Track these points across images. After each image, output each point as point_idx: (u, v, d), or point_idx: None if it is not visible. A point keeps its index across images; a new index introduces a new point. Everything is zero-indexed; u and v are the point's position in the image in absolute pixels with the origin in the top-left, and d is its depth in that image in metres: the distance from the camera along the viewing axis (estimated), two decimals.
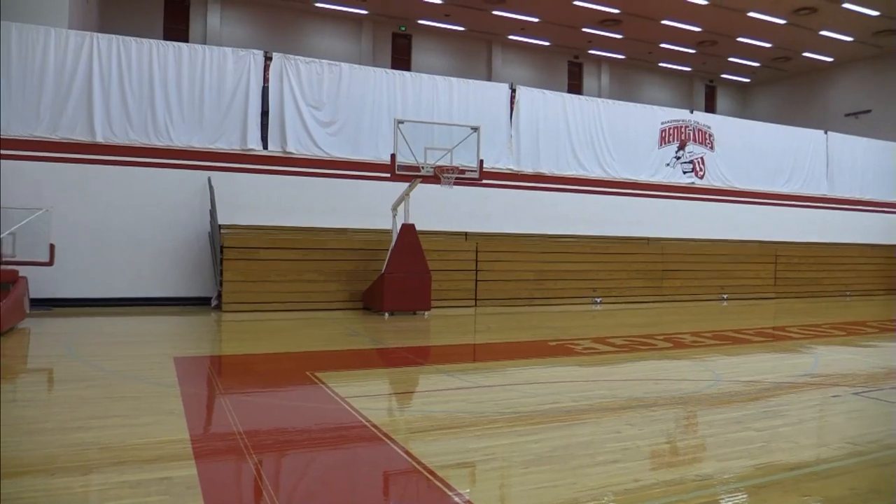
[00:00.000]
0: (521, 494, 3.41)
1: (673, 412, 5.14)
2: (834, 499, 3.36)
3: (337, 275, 11.79)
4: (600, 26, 23.68)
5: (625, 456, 3.94)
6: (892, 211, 20.90)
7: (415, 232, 11.02)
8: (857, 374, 6.92)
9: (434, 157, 10.81)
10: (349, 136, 13.34)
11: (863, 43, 24.37)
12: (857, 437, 4.49)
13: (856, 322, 12.04)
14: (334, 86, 13.29)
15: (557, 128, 15.35)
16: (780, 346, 9.02)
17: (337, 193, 12.85)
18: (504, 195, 14.38)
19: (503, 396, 5.55)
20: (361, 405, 5.03)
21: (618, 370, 7.03)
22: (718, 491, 3.43)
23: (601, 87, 27.52)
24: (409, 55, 24.37)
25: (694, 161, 17.17)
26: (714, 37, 24.48)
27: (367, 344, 8.57)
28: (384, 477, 3.74)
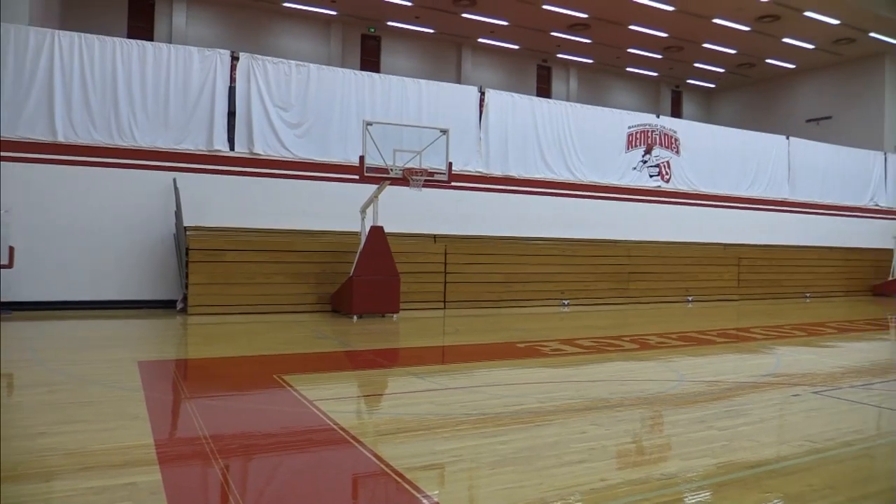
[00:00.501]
0: (488, 495, 3.42)
1: (638, 412, 5.21)
2: (792, 495, 3.44)
3: (305, 277, 11.72)
4: (569, 31, 23.91)
5: (591, 456, 3.99)
6: (850, 215, 21.44)
7: (383, 234, 11.01)
8: (816, 374, 7.09)
9: (403, 159, 10.80)
10: (317, 138, 13.27)
11: (824, 51, 24.99)
12: (816, 435, 4.60)
13: (815, 323, 12.33)
14: (302, 87, 13.21)
15: (526, 131, 15.46)
16: (743, 347, 9.20)
17: (305, 195, 12.77)
18: (473, 198, 14.44)
19: (471, 398, 5.57)
20: (329, 408, 5.01)
21: (585, 371, 7.10)
22: (682, 489, 3.49)
23: (570, 91, 27.77)
24: (378, 57, 24.32)
25: (660, 165, 17.43)
26: (680, 42, 24.89)
27: (335, 347, 8.53)
28: (352, 480, 3.73)
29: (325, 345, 8.63)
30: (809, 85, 27.82)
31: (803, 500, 3.36)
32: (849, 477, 3.77)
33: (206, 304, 10.93)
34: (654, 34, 23.84)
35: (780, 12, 21.38)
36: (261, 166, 12.70)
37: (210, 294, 10.99)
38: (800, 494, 3.45)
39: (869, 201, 22.14)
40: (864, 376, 7.04)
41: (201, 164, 12.21)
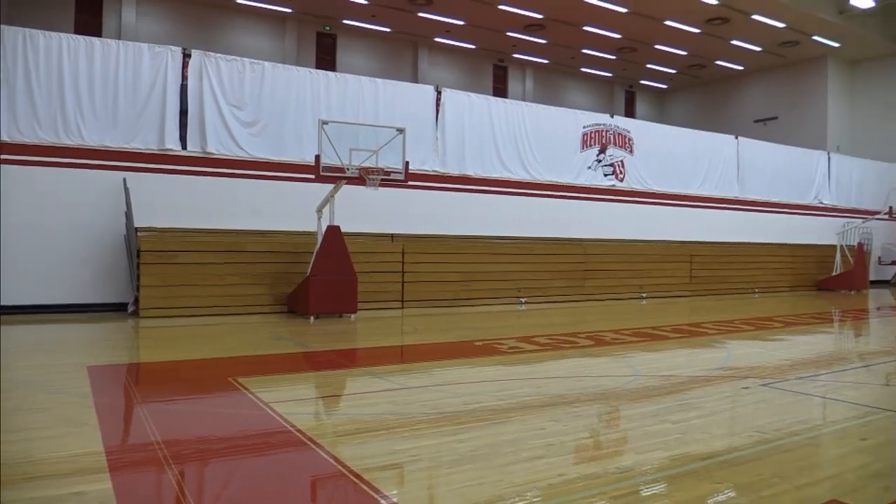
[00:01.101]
0: (447, 494, 3.44)
1: (594, 408, 5.29)
2: (742, 485, 3.53)
3: (260, 278, 11.57)
4: (524, 31, 24.10)
5: (548, 452, 4.03)
6: (796, 212, 22.11)
7: (340, 234, 10.93)
8: (765, 367, 7.29)
9: (359, 158, 10.74)
10: (272, 137, 13.09)
11: (770, 53, 25.70)
12: (765, 426, 4.73)
13: (764, 317, 12.68)
14: (256, 85, 13.02)
15: (482, 130, 15.52)
16: (696, 342, 9.41)
17: (260, 195, 12.60)
18: (430, 197, 14.43)
19: (429, 397, 5.58)
20: (286, 410, 4.96)
21: (542, 368, 7.17)
22: (637, 482, 3.56)
23: (525, 91, 27.99)
24: (333, 55, 24.13)
25: (614, 164, 17.69)
26: (633, 44, 25.31)
27: (291, 348, 8.44)
28: (310, 483, 3.70)
29: (282, 346, 8.53)
30: (757, 86, 28.59)
31: (752, 490, 3.46)
32: (794, 466, 3.89)
33: (159, 306, 10.70)
34: (608, 35, 24.19)
35: (728, 15, 21.91)
36: (214, 165, 12.47)
37: (162, 296, 10.76)
38: (749, 484, 3.55)
39: (813, 199, 22.86)
40: (809, 368, 7.27)
41: (152, 164, 11.93)
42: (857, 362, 8.11)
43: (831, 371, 7.18)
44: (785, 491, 3.44)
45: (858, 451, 4.21)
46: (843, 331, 11.75)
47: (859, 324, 12.77)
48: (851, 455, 4.14)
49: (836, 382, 6.55)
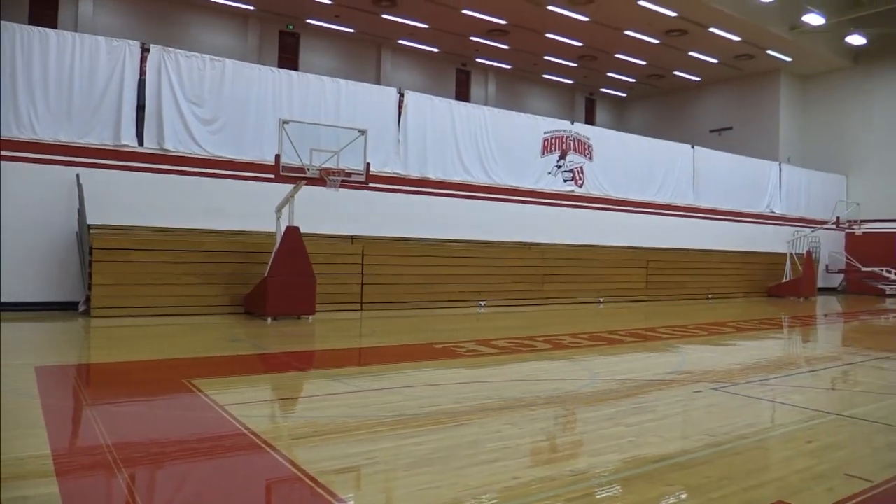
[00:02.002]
0: (403, 497, 3.43)
1: (551, 411, 5.35)
2: (693, 486, 3.61)
3: (217, 278, 11.40)
4: (487, 36, 24.24)
5: (505, 455, 4.06)
6: (748, 220, 22.68)
7: (299, 234, 10.84)
8: (716, 371, 7.46)
9: (320, 158, 10.67)
10: (232, 135, 12.92)
11: (726, 65, 26.32)
12: (715, 429, 4.85)
13: (717, 322, 12.97)
14: (217, 82, 12.84)
15: (444, 134, 15.57)
16: (651, 346, 9.57)
17: (218, 194, 12.42)
18: (391, 199, 14.41)
19: (387, 400, 5.57)
20: (241, 413, 4.89)
21: (500, 371, 7.22)
22: (591, 485, 3.61)
23: (488, 96, 28.15)
24: (296, 54, 23.91)
25: (574, 170, 17.91)
26: (594, 52, 25.66)
27: (248, 350, 8.34)
28: (265, 486, 3.66)
29: (238, 347, 8.42)
30: (713, 97, 29.25)
31: (702, 492, 3.54)
32: (743, 468, 3.99)
33: (111, 305, 10.46)
34: (570, 43, 24.48)
35: (686, 27, 22.38)
36: (172, 163, 12.25)
37: (115, 295, 10.52)
38: (699, 486, 3.63)
39: (765, 208, 23.49)
40: (759, 372, 7.46)
41: (107, 160, 11.66)
42: (804, 367, 8.36)
43: (780, 375, 7.39)
44: (733, 493, 3.53)
45: (804, 453, 4.33)
46: (791, 337, 12.09)
47: (807, 330, 13.15)
48: (797, 457, 4.26)
49: (784, 387, 6.74)
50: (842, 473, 3.89)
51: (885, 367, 8.00)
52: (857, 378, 7.47)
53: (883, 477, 3.85)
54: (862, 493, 3.58)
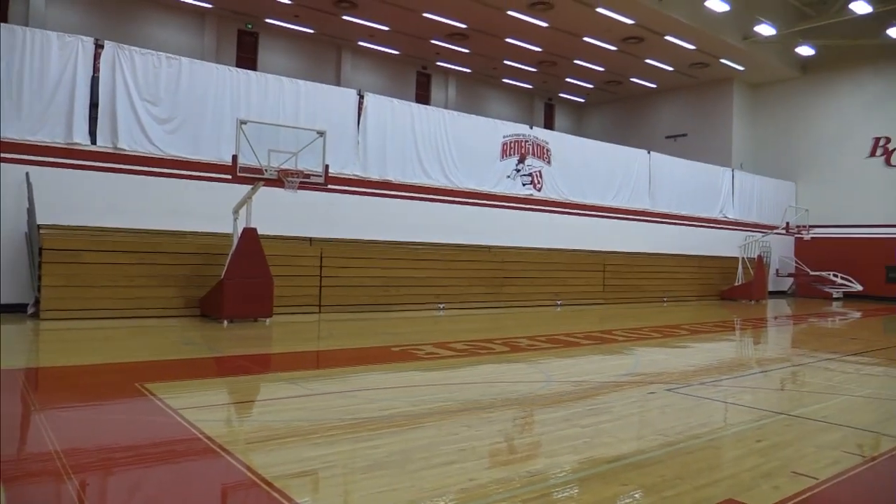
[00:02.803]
0: (359, 500, 3.42)
1: (508, 413, 5.38)
2: (647, 486, 3.68)
3: (172, 280, 11.18)
4: (448, 39, 24.31)
5: (461, 457, 4.08)
6: (702, 225, 23.19)
7: (257, 236, 10.71)
8: (670, 372, 7.61)
9: (278, 159, 10.56)
10: (188, 135, 12.70)
11: (681, 73, 26.88)
12: (668, 429, 4.94)
13: (671, 325, 13.23)
14: (173, 80, 12.61)
15: (404, 136, 15.56)
16: (606, 349, 9.71)
17: (174, 194, 12.19)
18: (350, 201, 14.34)
19: (344, 403, 5.54)
20: (195, 417, 4.81)
21: (457, 374, 7.24)
22: (546, 485, 3.64)
23: (448, 99, 28.22)
24: (255, 54, 23.62)
25: (532, 174, 18.07)
26: (553, 57, 25.95)
27: (203, 353, 8.20)
28: (220, 491, 3.60)
29: (193, 351, 8.27)
30: (668, 104, 29.83)
31: (656, 490, 3.61)
32: (695, 467, 4.08)
33: (62, 308, 10.17)
34: (529, 48, 24.71)
35: (643, 35, 22.79)
36: (126, 162, 11.98)
37: (66, 297, 10.23)
38: (653, 485, 3.70)
39: (719, 213, 24.04)
40: (712, 374, 7.63)
41: (58, 158, 11.35)
42: (755, 368, 8.57)
43: (731, 377, 7.56)
44: (686, 491, 3.60)
45: (753, 452, 4.45)
46: (743, 339, 12.39)
47: (758, 332, 13.49)
48: (747, 456, 4.37)
49: (735, 387, 6.91)
50: (789, 471, 4.01)
51: (831, 368, 8.26)
52: (805, 379, 7.70)
53: (827, 474, 3.98)
54: (807, 490, 3.70)
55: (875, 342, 11.71)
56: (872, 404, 6.13)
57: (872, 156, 25.24)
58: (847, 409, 5.87)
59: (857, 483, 3.92)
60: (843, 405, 6.06)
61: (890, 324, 16.10)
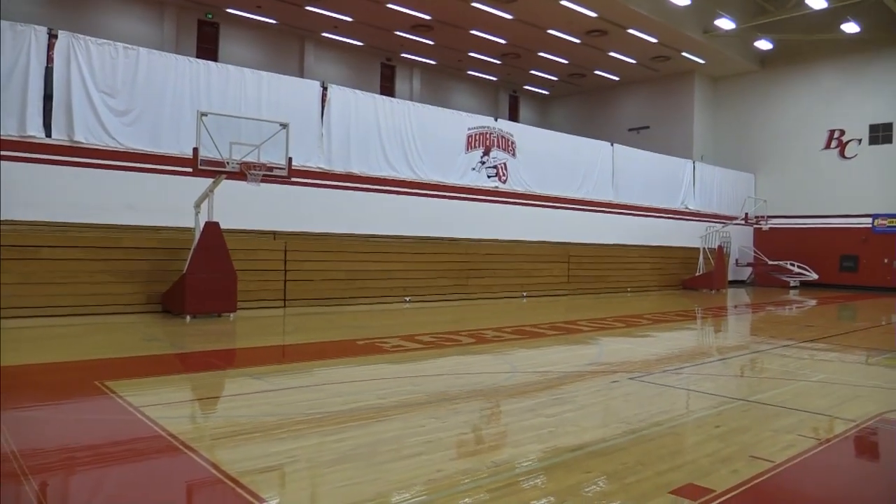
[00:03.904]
0: (325, 494, 3.42)
1: (474, 404, 5.42)
2: (610, 473, 3.74)
3: (133, 276, 10.98)
4: (412, 31, 24.22)
5: (428, 449, 4.10)
6: (664, 216, 23.55)
7: (219, 230, 10.57)
8: (633, 361, 7.73)
9: (241, 152, 10.43)
10: (147, 127, 12.46)
11: (644, 66, 27.21)
12: (631, 417, 5.03)
13: (634, 315, 13.43)
14: (130, 71, 12.34)
15: (369, 128, 15.48)
16: (571, 339, 9.83)
17: (133, 188, 11.96)
18: (314, 194, 14.23)
19: (310, 397, 5.52)
20: (158, 414, 4.75)
21: (424, 366, 7.26)
22: (511, 475, 3.68)
23: (413, 91, 28.13)
24: (216, 45, 23.24)
25: (497, 166, 18.14)
26: (518, 50, 26.03)
27: (166, 349, 8.08)
28: (184, 489, 3.57)
29: (155, 347, 8.15)
30: (631, 97, 30.18)
31: (618, 477, 3.67)
32: (656, 453, 4.16)
33: (18, 305, 9.91)
34: (494, 40, 24.75)
35: (606, 28, 23.00)
36: (82, 155, 11.71)
37: (23, 294, 9.98)
38: (616, 472, 3.76)
39: (680, 204, 24.44)
40: (673, 362, 7.78)
41: (11, 151, 11.04)
42: (715, 356, 8.76)
43: (692, 364, 7.72)
44: (647, 477, 3.68)
45: (713, 437, 4.55)
46: (704, 327, 12.64)
47: (719, 321, 13.78)
48: (707, 442, 4.48)
49: (696, 375, 7.05)
50: (747, 455, 4.11)
51: (787, 355, 8.48)
52: (763, 365, 7.89)
53: (783, 457, 4.09)
54: (764, 473, 3.80)
55: (829, 329, 12.05)
56: (826, 389, 6.32)
57: (827, 148, 25.90)
58: (802, 394, 6.04)
59: (812, 465, 4.04)
60: (799, 390, 6.24)
61: (844, 311, 16.57)
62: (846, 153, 25.43)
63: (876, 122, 24.70)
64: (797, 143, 26.62)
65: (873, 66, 24.76)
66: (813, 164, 26.21)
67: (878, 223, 24.62)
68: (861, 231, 24.95)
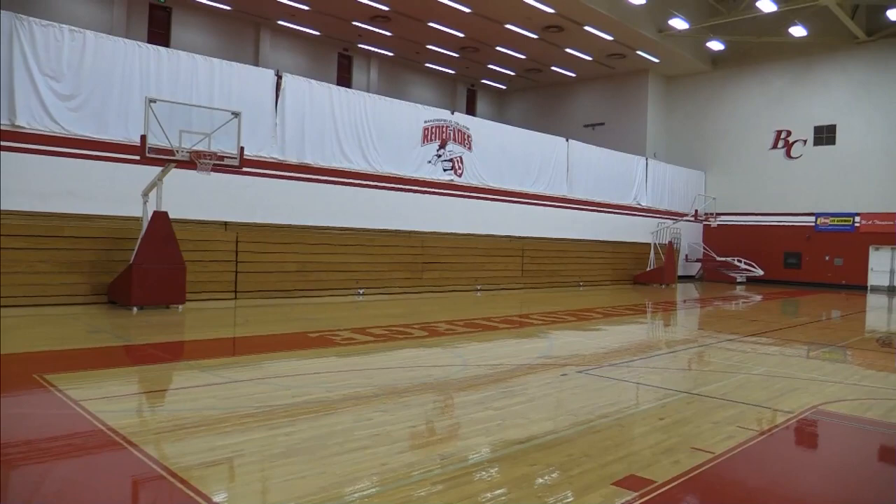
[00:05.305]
0: (269, 489, 3.38)
1: (423, 397, 5.42)
2: (555, 465, 3.79)
3: (77, 266, 10.67)
4: (370, 22, 24.02)
5: (374, 442, 4.08)
6: (617, 212, 23.90)
7: (168, 220, 10.34)
8: (583, 355, 7.84)
9: (191, 141, 10.21)
10: (94, 113, 12.08)
11: (599, 63, 27.52)
12: (578, 410, 5.10)
13: (586, 309, 13.61)
14: (77, 55, 11.94)
15: (324, 119, 15.30)
16: (523, 332, 9.91)
17: (78, 175, 11.59)
18: (267, 185, 14.02)
19: (257, 391, 5.45)
20: (98, 408, 4.63)
21: (374, 359, 7.23)
22: (457, 468, 3.70)
23: (370, 82, 27.94)
24: (168, 30, 22.67)
25: (453, 159, 18.14)
26: (476, 44, 26.06)
27: (110, 341, 7.88)
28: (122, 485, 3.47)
29: (99, 339, 7.93)
30: (587, 93, 30.52)
31: (563, 469, 3.72)
32: (601, 445, 4.23)
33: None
34: (452, 33, 24.73)
35: (563, 24, 23.19)
36: (25, 141, 11.29)
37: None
38: (561, 464, 3.81)
39: (633, 200, 24.84)
40: (623, 355, 7.91)
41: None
42: (663, 349, 8.94)
43: (641, 358, 7.86)
44: (591, 469, 3.73)
45: (656, 429, 4.65)
46: (653, 321, 12.88)
47: (667, 315, 14.06)
48: (650, 433, 4.57)
49: (644, 368, 7.18)
50: (688, 447, 4.21)
51: (731, 349, 8.70)
52: (708, 359, 8.08)
53: (723, 448, 4.20)
54: (704, 464, 3.90)
55: (772, 323, 12.41)
56: (767, 382, 6.51)
57: (774, 147, 26.63)
58: (743, 387, 6.20)
59: (750, 456, 4.16)
60: (741, 383, 6.41)
61: (786, 307, 17.09)
62: (792, 153, 26.18)
63: (820, 124, 25.50)
64: (746, 143, 27.30)
65: (818, 70, 25.53)
66: (761, 164, 26.93)
67: (821, 222, 25.45)
68: (805, 229, 25.76)
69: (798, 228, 25.90)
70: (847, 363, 8.28)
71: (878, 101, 24.14)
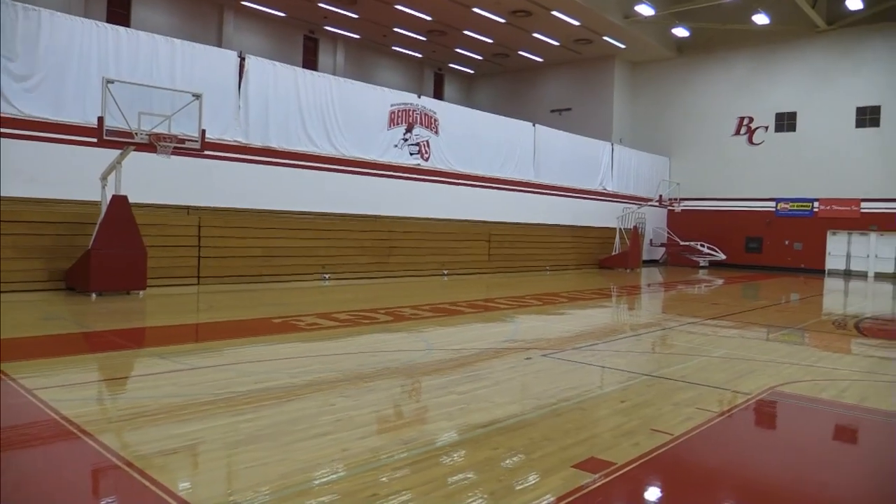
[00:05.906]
0: (229, 476, 3.34)
1: (387, 382, 5.41)
2: (516, 448, 3.81)
3: (33, 251, 10.40)
4: (336, 3, 23.69)
5: (336, 428, 4.06)
6: (583, 197, 24.08)
7: (127, 204, 10.13)
8: (547, 339, 7.90)
9: (151, 123, 9.98)
10: (50, 94, 11.75)
11: (566, 48, 27.57)
12: (541, 393, 5.14)
13: (551, 293, 13.71)
14: (32, 34, 11.58)
15: (288, 102, 15.09)
16: (488, 316, 9.95)
17: (34, 158, 11.28)
18: (231, 168, 13.80)
19: (219, 377, 5.38)
20: (52, 397, 4.52)
21: (338, 344, 7.20)
22: (419, 453, 3.70)
23: (336, 65, 27.60)
24: (128, 9, 22.06)
25: (420, 144, 18.06)
26: (443, 27, 25.88)
27: (67, 328, 7.71)
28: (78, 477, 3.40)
29: (55, 326, 7.76)
30: (554, 78, 30.57)
31: (525, 452, 3.75)
32: (563, 428, 4.26)
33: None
34: (419, 16, 24.51)
35: (531, 8, 23.14)
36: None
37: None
38: (523, 447, 3.84)
39: (599, 185, 25.04)
40: (587, 339, 7.98)
41: None
42: (628, 332, 9.05)
43: (605, 341, 7.95)
44: (553, 452, 3.76)
45: (617, 412, 4.71)
46: (618, 305, 13.03)
47: (633, 298, 14.24)
48: (611, 416, 4.63)
49: (608, 351, 7.26)
50: (648, 429, 4.27)
51: (693, 332, 8.85)
52: (670, 342, 8.20)
53: (682, 430, 4.27)
54: (664, 446, 3.96)
55: (733, 307, 12.65)
56: (726, 364, 6.63)
57: (737, 134, 27.03)
58: (703, 369, 6.31)
59: (708, 437, 4.23)
60: (701, 365, 6.52)
61: (747, 290, 17.43)
62: (754, 139, 26.61)
63: (781, 111, 25.93)
64: (710, 129, 27.66)
65: (780, 57, 25.92)
66: (724, 150, 27.32)
67: (781, 207, 25.97)
68: (765, 214, 26.26)
69: (759, 213, 26.39)
70: (804, 345, 8.48)
71: (836, 88, 24.63)
